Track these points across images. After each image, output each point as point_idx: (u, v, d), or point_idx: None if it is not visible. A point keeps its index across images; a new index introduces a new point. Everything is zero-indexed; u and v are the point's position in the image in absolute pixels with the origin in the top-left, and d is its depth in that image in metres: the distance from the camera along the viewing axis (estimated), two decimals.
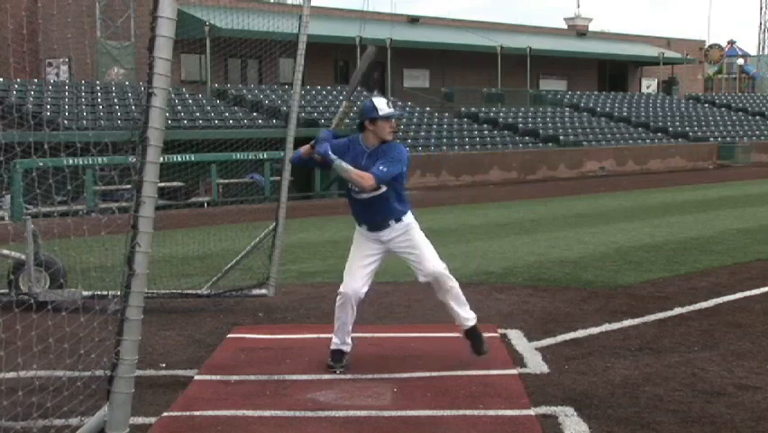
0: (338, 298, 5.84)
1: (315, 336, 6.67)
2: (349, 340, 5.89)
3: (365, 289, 5.82)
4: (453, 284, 5.87)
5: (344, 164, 5.60)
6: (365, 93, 33.03)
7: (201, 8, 22.63)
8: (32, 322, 4.50)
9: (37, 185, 5.04)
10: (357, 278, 5.79)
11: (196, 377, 5.75)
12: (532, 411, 4.95)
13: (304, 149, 5.81)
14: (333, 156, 5.58)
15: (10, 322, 4.58)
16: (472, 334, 5.95)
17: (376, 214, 5.81)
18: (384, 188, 5.71)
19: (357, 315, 5.94)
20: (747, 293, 8.41)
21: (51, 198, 4.51)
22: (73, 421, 4.36)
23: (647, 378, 5.58)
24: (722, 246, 11.66)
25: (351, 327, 5.87)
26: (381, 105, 5.76)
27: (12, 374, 4.80)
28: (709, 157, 36.12)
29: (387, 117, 5.72)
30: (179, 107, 25.64)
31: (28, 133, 5.38)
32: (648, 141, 36.11)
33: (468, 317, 5.93)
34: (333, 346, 5.88)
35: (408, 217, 5.90)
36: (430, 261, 5.82)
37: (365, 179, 5.57)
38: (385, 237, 5.84)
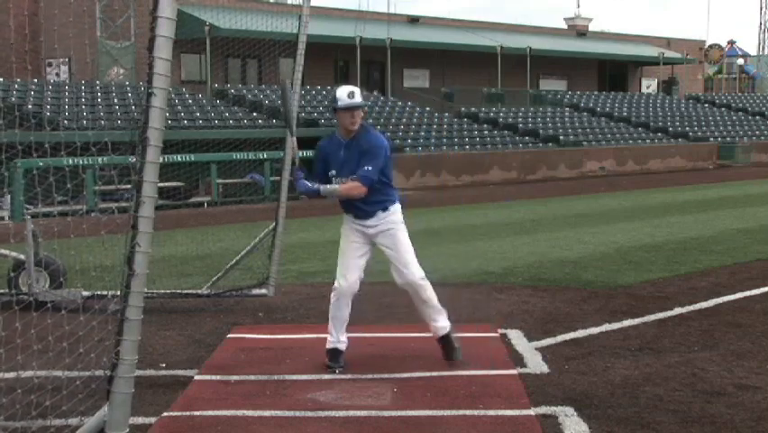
0: (333, 294, 5.84)
1: (315, 336, 6.66)
2: (344, 338, 5.88)
3: (358, 283, 5.82)
4: (430, 294, 5.86)
5: (329, 187, 5.66)
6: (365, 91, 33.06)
7: (201, 8, 22.69)
8: (31, 321, 4.49)
9: (38, 184, 5.03)
10: (351, 271, 5.79)
11: (196, 377, 5.75)
12: (532, 411, 4.95)
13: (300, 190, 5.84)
14: (314, 187, 5.65)
15: (9, 321, 4.57)
16: (445, 340, 5.95)
17: (361, 205, 5.79)
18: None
19: (357, 314, 5.95)
20: (747, 293, 8.41)
21: (52, 197, 4.50)
22: (73, 421, 4.35)
23: (647, 378, 5.58)
24: (722, 246, 11.66)
25: (345, 325, 5.87)
26: (341, 95, 5.70)
27: (12, 374, 4.80)
28: (709, 157, 36.11)
29: (345, 109, 5.68)
30: (179, 107, 25.64)
31: (27, 132, 5.39)
32: (648, 141, 36.11)
33: (443, 325, 5.92)
34: (328, 345, 5.88)
35: (396, 211, 5.86)
36: (409, 268, 5.80)
37: (355, 189, 5.63)
38: (371, 229, 5.80)
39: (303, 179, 5.74)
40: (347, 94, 5.69)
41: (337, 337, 5.86)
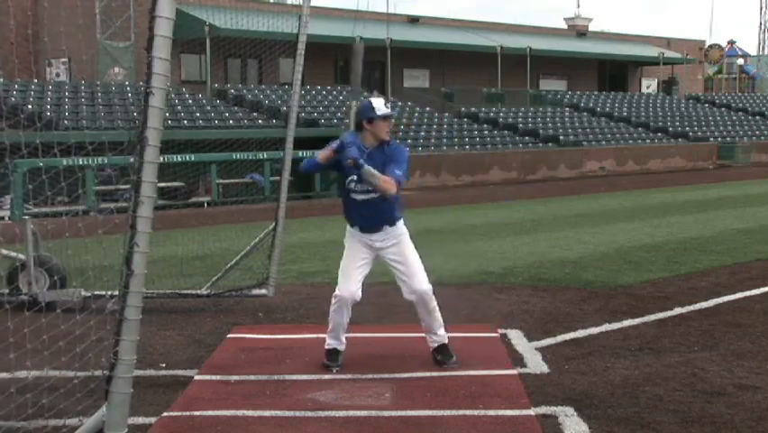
0: (334, 301, 5.83)
1: (315, 336, 6.65)
2: (344, 339, 5.92)
3: (360, 292, 5.82)
4: (435, 305, 5.88)
5: (373, 169, 5.52)
6: (366, 93, 33.10)
7: (201, 8, 22.67)
8: (30, 322, 4.49)
9: (34, 183, 5.03)
10: (353, 281, 5.79)
11: (196, 377, 5.74)
12: (532, 411, 4.94)
13: (323, 154, 5.70)
14: (361, 159, 5.51)
15: (8, 321, 4.56)
16: (442, 349, 5.94)
17: (371, 216, 5.78)
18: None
19: (357, 314, 5.96)
20: (747, 293, 8.41)
21: (49, 197, 4.50)
22: (72, 421, 4.35)
23: (647, 378, 5.58)
24: (722, 246, 11.65)
25: (345, 330, 5.89)
26: (379, 105, 5.75)
27: (10, 374, 4.79)
28: (709, 157, 36.12)
29: (384, 117, 5.72)
30: (179, 107, 25.64)
31: (28, 132, 5.38)
32: (648, 141, 36.12)
33: (442, 336, 5.93)
34: (327, 346, 5.91)
35: (401, 225, 5.89)
36: (418, 278, 5.80)
37: (391, 186, 5.54)
38: (378, 243, 5.82)
39: (352, 147, 5.55)
40: (383, 104, 5.79)
41: (337, 340, 5.89)
